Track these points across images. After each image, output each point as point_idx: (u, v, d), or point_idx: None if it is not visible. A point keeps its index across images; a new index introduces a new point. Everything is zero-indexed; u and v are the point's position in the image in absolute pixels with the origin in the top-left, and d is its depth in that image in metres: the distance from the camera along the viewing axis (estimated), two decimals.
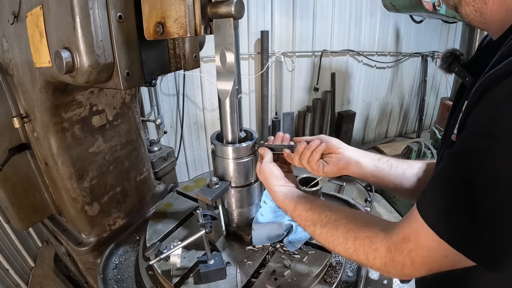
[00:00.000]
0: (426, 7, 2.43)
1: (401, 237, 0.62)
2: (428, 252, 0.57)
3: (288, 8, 3.87)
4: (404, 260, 0.61)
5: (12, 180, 1.46)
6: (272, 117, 4.34)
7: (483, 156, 0.50)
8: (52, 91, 1.14)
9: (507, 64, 0.48)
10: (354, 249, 0.71)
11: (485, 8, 0.61)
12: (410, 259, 0.60)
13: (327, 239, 0.79)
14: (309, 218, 0.86)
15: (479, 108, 0.52)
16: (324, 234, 0.80)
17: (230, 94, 1.00)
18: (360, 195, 3.76)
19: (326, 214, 0.82)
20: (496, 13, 0.60)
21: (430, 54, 4.98)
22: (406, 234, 0.61)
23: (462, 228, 0.53)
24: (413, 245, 0.59)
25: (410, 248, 0.60)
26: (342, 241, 0.74)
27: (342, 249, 0.75)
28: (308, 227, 0.86)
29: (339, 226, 0.77)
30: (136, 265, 1.29)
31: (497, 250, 0.51)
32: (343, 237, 0.75)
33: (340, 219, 0.79)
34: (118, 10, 0.85)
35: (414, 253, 0.59)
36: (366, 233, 0.70)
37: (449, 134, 0.68)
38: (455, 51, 0.82)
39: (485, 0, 0.60)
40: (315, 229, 0.83)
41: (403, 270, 0.62)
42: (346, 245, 0.73)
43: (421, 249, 0.58)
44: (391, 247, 0.63)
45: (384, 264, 0.65)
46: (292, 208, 0.92)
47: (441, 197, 0.56)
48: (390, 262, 0.63)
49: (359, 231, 0.72)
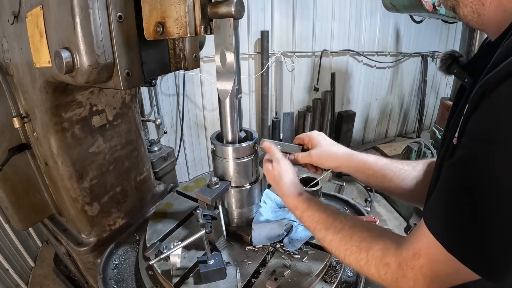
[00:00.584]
0: (426, 7, 2.43)
1: (411, 253, 0.60)
2: (439, 266, 0.56)
3: (288, 8, 3.87)
4: (416, 276, 0.59)
5: (12, 180, 1.46)
6: (272, 117, 4.34)
7: (484, 162, 0.49)
8: (52, 91, 1.14)
9: (504, 67, 0.47)
10: (367, 261, 0.68)
11: (482, 9, 0.61)
12: (422, 274, 0.58)
13: (339, 247, 0.76)
14: (322, 221, 0.83)
15: (478, 113, 0.51)
16: (337, 242, 0.77)
17: (230, 94, 1.00)
18: (360, 195, 3.76)
19: (341, 220, 0.79)
20: (494, 14, 0.60)
21: (430, 54, 4.98)
22: (416, 250, 0.59)
23: (465, 240, 0.52)
24: (424, 261, 0.58)
25: (422, 264, 0.58)
26: (356, 251, 0.71)
27: (354, 260, 0.71)
28: (318, 231, 0.83)
29: (354, 235, 0.74)
30: (136, 265, 1.29)
31: (501, 261, 0.50)
32: (357, 246, 0.71)
33: (355, 226, 0.76)
34: (118, 10, 0.85)
35: (425, 269, 0.57)
36: (379, 244, 0.67)
37: (449, 136, 0.68)
38: (454, 52, 0.83)
39: (483, 2, 0.60)
40: (326, 234, 0.80)
41: (415, 286, 0.60)
42: (359, 256, 0.70)
43: (433, 263, 0.57)
44: (402, 263, 0.61)
45: (395, 281, 0.63)
46: (304, 207, 0.89)
47: (445, 209, 0.55)
48: (402, 278, 0.61)
49: (373, 241, 0.69)
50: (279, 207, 1.33)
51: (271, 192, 1.37)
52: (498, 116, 0.47)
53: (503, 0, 0.57)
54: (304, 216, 0.89)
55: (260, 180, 1.20)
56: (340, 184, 2.01)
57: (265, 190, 1.35)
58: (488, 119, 0.49)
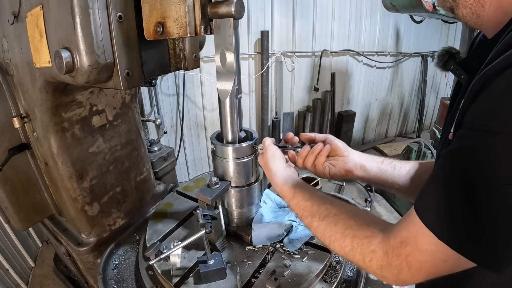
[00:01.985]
0: (426, 7, 2.43)
1: (398, 240, 0.59)
2: (427, 256, 0.55)
3: (288, 8, 3.87)
4: (401, 265, 0.58)
5: (12, 180, 1.46)
6: (272, 117, 4.34)
7: (482, 153, 0.48)
8: (52, 91, 1.14)
9: (504, 59, 0.47)
10: (351, 248, 0.68)
11: (482, 11, 0.61)
12: (408, 264, 0.58)
13: (324, 233, 0.76)
14: (307, 209, 0.83)
15: (476, 105, 0.51)
16: (322, 228, 0.77)
17: (230, 94, 1.00)
18: (360, 195, 3.76)
19: (326, 207, 0.79)
20: (493, 16, 0.60)
21: (430, 54, 4.98)
22: (404, 238, 0.59)
23: (461, 228, 0.51)
24: (411, 249, 0.57)
25: (408, 253, 0.57)
26: (340, 238, 0.71)
27: (338, 246, 0.72)
28: (305, 218, 0.83)
29: (339, 222, 0.74)
30: (136, 265, 1.29)
31: (499, 249, 0.50)
32: (341, 233, 0.71)
33: (340, 214, 0.75)
34: (118, 10, 0.85)
35: (411, 258, 0.57)
36: (365, 232, 0.67)
37: (446, 133, 0.68)
38: (451, 49, 0.83)
39: (482, 3, 0.60)
40: (312, 221, 0.80)
41: (399, 275, 0.60)
42: (344, 243, 0.70)
43: (419, 253, 0.56)
44: (388, 251, 0.61)
45: (380, 268, 0.62)
46: (290, 195, 0.89)
47: (439, 197, 0.54)
48: (387, 266, 0.61)
49: (359, 229, 0.69)
50: (279, 207, 1.33)
51: (271, 192, 1.37)
52: (498, 106, 0.47)
53: (503, 1, 0.57)
54: (291, 204, 0.90)
55: (260, 180, 1.20)
56: (340, 184, 2.00)
57: (265, 190, 1.35)
58: (487, 110, 0.49)
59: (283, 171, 0.96)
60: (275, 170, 0.96)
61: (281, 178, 0.94)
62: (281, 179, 0.94)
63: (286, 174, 0.95)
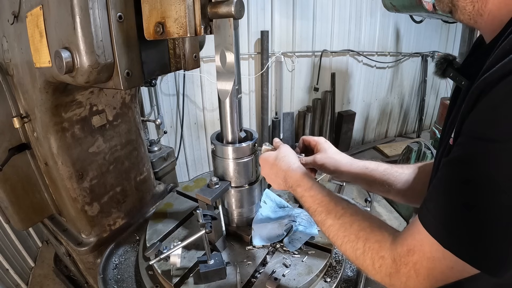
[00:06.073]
0: (426, 7, 2.43)
1: (405, 248, 0.60)
2: (434, 263, 0.56)
3: (288, 8, 3.87)
4: (409, 273, 0.59)
5: (12, 180, 1.46)
6: (272, 117, 4.34)
7: (483, 161, 0.49)
8: (52, 91, 1.14)
9: (501, 67, 0.47)
10: (363, 251, 0.68)
11: (480, 19, 0.62)
12: (415, 271, 0.58)
13: (338, 233, 0.74)
14: (324, 204, 0.81)
15: (475, 113, 0.51)
16: (336, 227, 0.75)
17: (230, 94, 1.00)
18: (360, 195, 3.76)
19: (343, 206, 0.78)
20: (491, 24, 0.61)
21: (430, 54, 4.98)
22: (411, 246, 0.59)
23: (464, 235, 0.52)
24: (418, 257, 0.58)
25: (416, 261, 0.58)
26: (354, 239, 0.70)
27: (350, 248, 0.71)
28: (318, 214, 0.81)
29: (354, 223, 0.72)
30: (136, 265, 1.29)
31: (502, 256, 0.50)
32: (355, 235, 0.70)
33: (357, 215, 0.74)
34: (118, 10, 0.85)
35: (419, 266, 0.58)
36: (376, 236, 0.67)
37: (446, 137, 0.68)
38: (448, 56, 0.83)
39: (481, 13, 0.61)
40: (327, 218, 0.78)
41: (407, 283, 0.60)
42: (357, 245, 0.69)
43: (426, 261, 0.57)
44: (396, 259, 0.61)
45: (388, 275, 0.62)
46: (309, 185, 0.87)
47: (442, 205, 0.55)
48: (395, 273, 0.61)
49: (371, 232, 0.68)
50: (279, 207, 1.33)
51: (271, 192, 1.37)
52: (497, 114, 0.47)
53: (501, 11, 0.58)
54: (305, 195, 0.87)
55: (260, 180, 1.20)
56: (340, 184, 1.99)
57: (265, 190, 1.35)
58: (486, 117, 0.49)
59: (300, 165, 0.97)
60: (294, 161, 0.97)
61: (301, 169, 0.94)
62: (300, 170, 0.94)
63: (304, 168, 0.96)
